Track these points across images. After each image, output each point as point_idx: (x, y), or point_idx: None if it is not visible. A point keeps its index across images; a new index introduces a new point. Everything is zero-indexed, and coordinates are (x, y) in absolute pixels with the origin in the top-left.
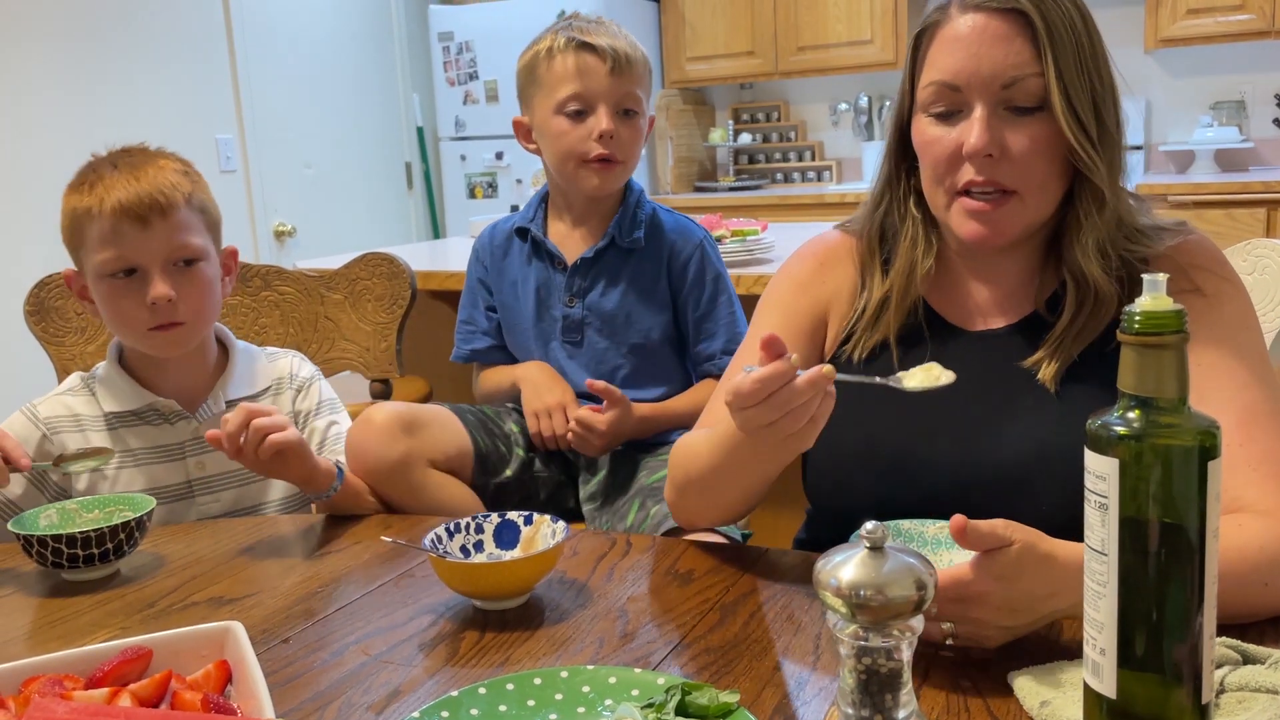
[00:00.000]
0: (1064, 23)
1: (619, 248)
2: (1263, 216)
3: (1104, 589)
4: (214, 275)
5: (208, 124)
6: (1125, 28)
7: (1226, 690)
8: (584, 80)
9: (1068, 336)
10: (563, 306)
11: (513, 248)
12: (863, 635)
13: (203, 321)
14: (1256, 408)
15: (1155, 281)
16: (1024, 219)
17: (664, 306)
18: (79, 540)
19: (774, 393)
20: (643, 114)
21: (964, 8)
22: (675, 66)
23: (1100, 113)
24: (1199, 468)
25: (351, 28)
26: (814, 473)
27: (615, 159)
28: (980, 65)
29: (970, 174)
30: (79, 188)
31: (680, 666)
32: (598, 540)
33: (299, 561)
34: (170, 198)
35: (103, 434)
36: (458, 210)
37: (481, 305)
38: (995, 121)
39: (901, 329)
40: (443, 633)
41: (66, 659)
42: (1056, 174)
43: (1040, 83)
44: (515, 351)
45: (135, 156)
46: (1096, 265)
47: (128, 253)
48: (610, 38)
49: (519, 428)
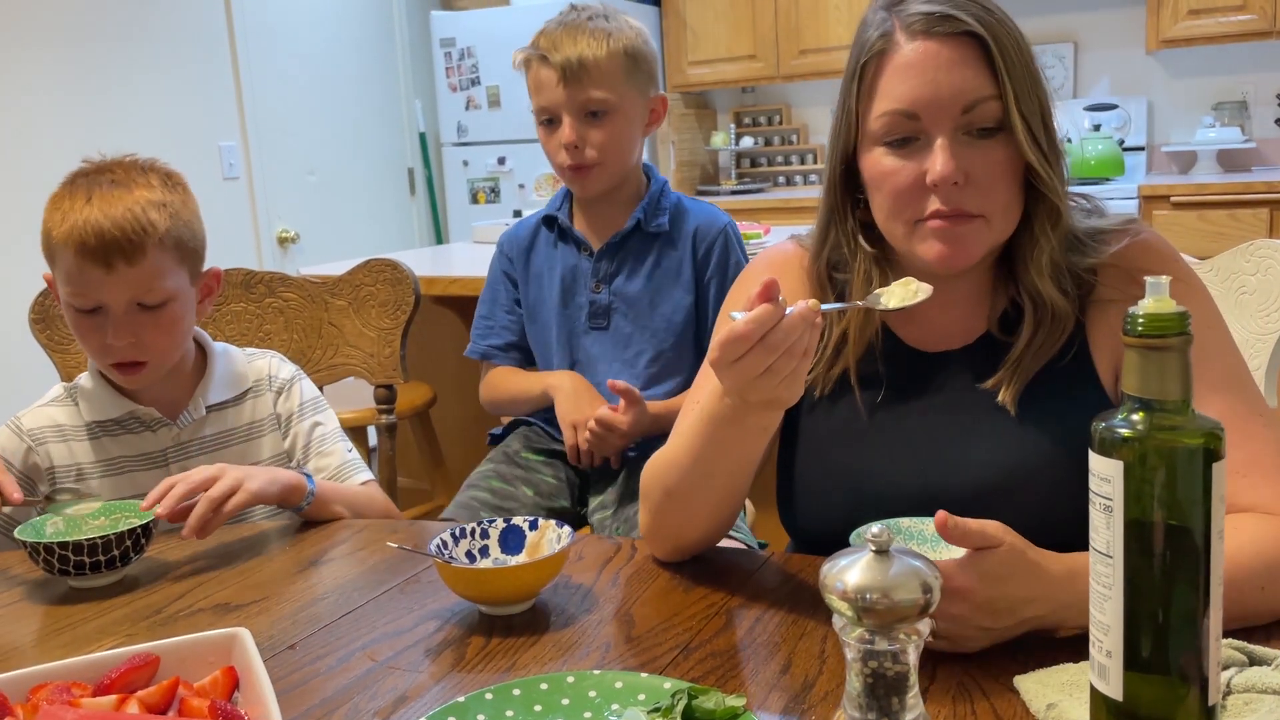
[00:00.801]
0: (1012, 43)
1: (644, 232)
2: (1266, 217)
3: (1110, 591)
4: (183, 311)
5: (211, 131)
6: (1127, 29)
7: (1233, 692)
8: (544, 94)
9: (1026, 356)
10: (589, 292)
11: (539, 238)
12: (869, 638)
13: (168, 358)
14: (1234, 411)
15: (1158, 284)
16: (989, 239)
17: (688, 289)
18: (85, 547)
19: (767, 333)
20: (617, 110)
21: (912, 35)
22: (677, 70)
23: (1048, 128)
24: (1204, 469)
25: (353, 34)
26: (788, 503)
27: (586, 164)
28: (939, 91)
29: (935, 204)
30: (57, 206)
31: (686, 671)
32: (603, 545)
33: (305, 567)
34: (138, 241)
35: (85, 443)
36: (460, 215)
37: (501, 301)
38: (957, 148)
39: (862, 355)
40: (449, 638)
41: (74, 666)
42: (1016, 195)
43: (998, 105)
44: (536, 344)
45: (116, 181)
46: (1052, 284)
47: (89, 293)
48: (572, 42)
49: (532, 490)
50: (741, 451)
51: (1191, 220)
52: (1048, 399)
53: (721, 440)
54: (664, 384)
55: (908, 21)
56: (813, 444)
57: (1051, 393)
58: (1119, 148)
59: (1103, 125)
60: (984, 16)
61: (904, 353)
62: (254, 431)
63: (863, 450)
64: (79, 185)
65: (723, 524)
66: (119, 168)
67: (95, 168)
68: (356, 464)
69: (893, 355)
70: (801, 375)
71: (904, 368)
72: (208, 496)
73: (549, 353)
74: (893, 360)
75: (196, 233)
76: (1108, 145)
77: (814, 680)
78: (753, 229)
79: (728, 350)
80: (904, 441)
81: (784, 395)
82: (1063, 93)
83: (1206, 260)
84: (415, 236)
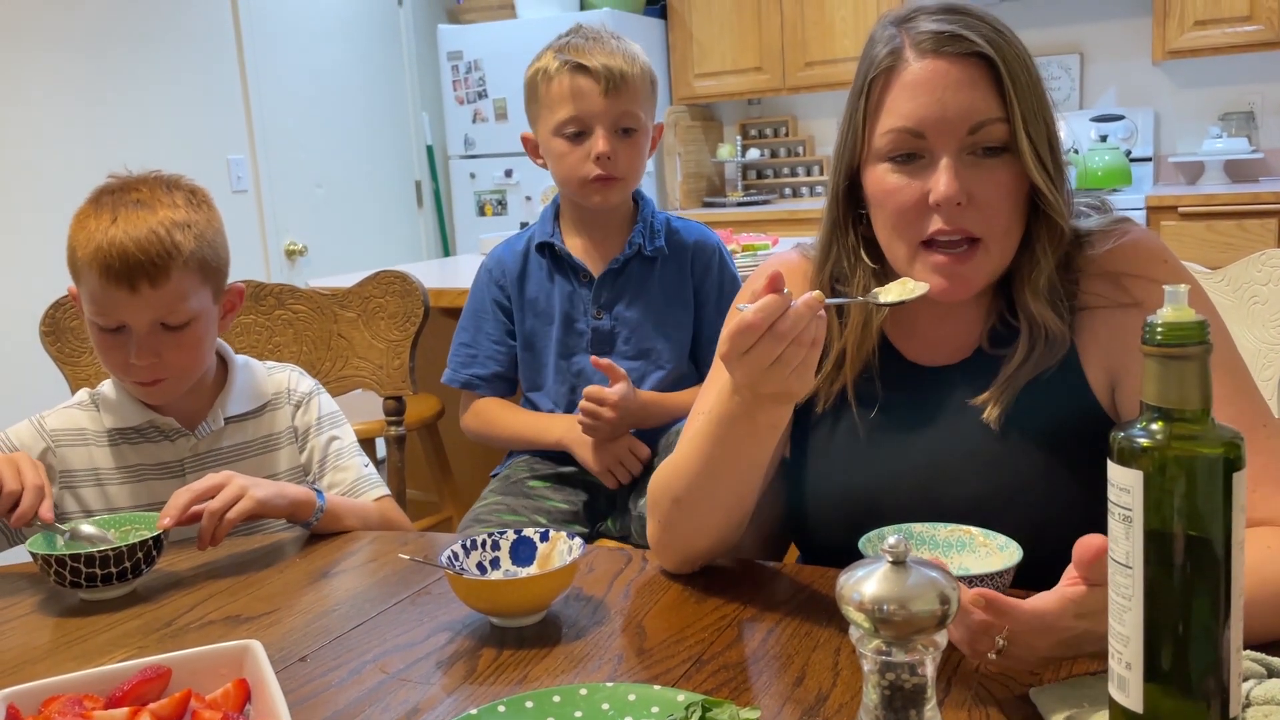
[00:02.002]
0: (1020, 65)
1: (644, 256)
2: (1274, 227)
3: (1129, 602)
4: (206, 330)
5: (219, 144)
6: (1133, 39)
7: (1252, 704)
8: (579, 103)
9: (1018, 376)
10: (590, 319)
11: (530, 265)
12: (886, 650)
13: (189, 376)
14: (1240, 422)
15: (1176, 293)
16: (989, 268)
17: (688, 309)
18: (97, 559)
19: (775, 322)
20: (643, 130)
21: (921, 53)
22: (683, 83)
23: (1054, 150)
24: (1224, 479)
25: (361, 48)
26: (796, 515)
27: (614, 176)
28: (946, 110)
29: (938, 223)
30: (82, 225)
31: (699, 683)
32: (614, 556)
33: (315, 579)
34: (162, 264)
35: (105, 449)
36: (468, 228)
37: (488, 329)
38: (961, 168)
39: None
40: (460, 650)
41: (86, 679)
42: (1018, 218)
43: (1005, 127)
44: (528, 370)
45: (141, 201)
46: (1049, 307)
47: (113, 313)
48: (607, 55)
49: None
50: (751, 452)
51: (1199, 231)
52: (1039, 408)
53: (731, 440)
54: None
55: (917, 39)
56: (817, 457)
57: (1042, 402)
58: (1126, 159)
59: (1109, 136)
60: (994, 38)
61: (902, 367)
62: (271, 444)
63: (865, 464)
64: (105, 204)
65: (731, 534)
66: (144, 185)
67: (121, 184)
68: (372, 479)
69: (891, 371)
70: (811, 367)
71: (902, 383)
72: (209, 510)
73: (544, 379)
74: (890, 376)
75: (220, 252)
76: (1115, 156)
77: (828, 692)
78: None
79: (738, 340)
80: (902, 456)
81: (795, 387)
82: (1069, 104)
83: (1217, 270)
84: (422, 249)
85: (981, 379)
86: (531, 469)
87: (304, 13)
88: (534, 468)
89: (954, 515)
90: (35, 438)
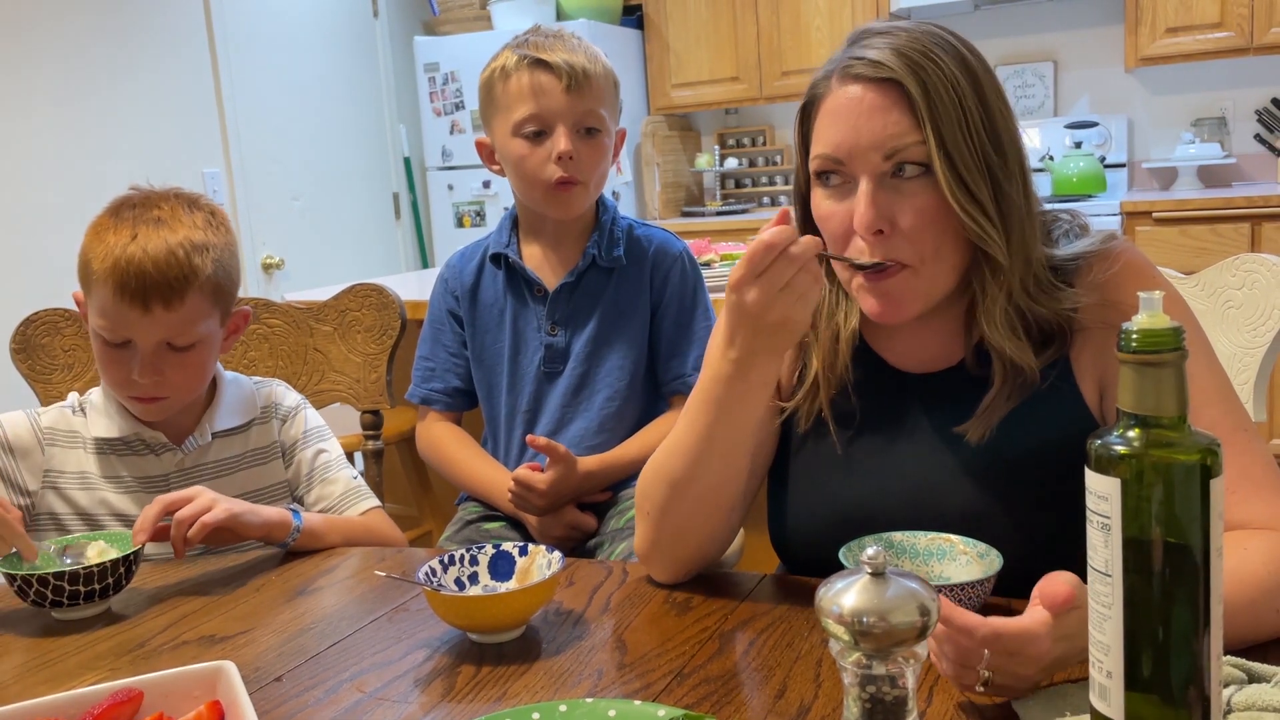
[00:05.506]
0: (945, 87)
1: (600, 268)
2: (1247, 231)
3: (1109, 611)
4: (209, 353)
5: (195, 158)
6: (1105, 47)
7: (1234, 710)
8: (539, 100)
9: (996, 406)
10: (544, 335)
11: (484, 275)
12: (866, 663)
13: (188, 395)
14: (1220, 426)
15: (1151, 299)
16: (920, 291)
17: (645, 323)
18: (68, 577)
19: (778, 256)
20: (606, 132)
21: (842, 80)
22: (660, 93)
23: (996, 179)
24: (1201, 485)
25: (337, 60)
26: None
27: (576, 180)
28: (860, 137)
29: (864, 249)
30: (100, 237)
31: (681, 697)
32: (594, 570)
33: (292, 597)
34: (178, 286)
35: (93, 456)
36: (446, 240)
37: (445, 341)
38: (881, 195)
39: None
40: (438, 667)
41: (55, 703)
42: (950, 243)
43: (924, 150)
44: (481, 386)
45: (162, 219)
46: (1009, 341)
47: (122, 329)
48: (568, 52)
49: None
50: (742, 415)
51: (1173, 236)
52: (1030, 423)
53: (727, 402)
54: (623, 422)
55: (843, 65)
56: (799, 476)
57: (1034, 416)
58: (1100, 165)
59: (1084, 143)
60: (917, 60)
61: (884, 375)
62: (257, 459)
63: (848, 481)
64: (125, 218)
65: (720, 526)
66: (165, 203)
67: (143, 199)
68: (361, 492)
69: (872, 380)
70: (812, 302)
71: (883, 392)
72: (176, 518)
73: (496, 397)
74: (871, 386)
75: (234, 275)
76: (1089, 162)
77: (810, 705)
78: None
79: (756, 260)
80: (886, 471)
81: (796, 316)
82: (1043, 111)
83: (1192, 275)
84: (400, 261)
85: (967, 392)
86: (485, 511)
87: (279, 25)
88: (487, 510)
89: (943, 529)
90: (29, 432)
